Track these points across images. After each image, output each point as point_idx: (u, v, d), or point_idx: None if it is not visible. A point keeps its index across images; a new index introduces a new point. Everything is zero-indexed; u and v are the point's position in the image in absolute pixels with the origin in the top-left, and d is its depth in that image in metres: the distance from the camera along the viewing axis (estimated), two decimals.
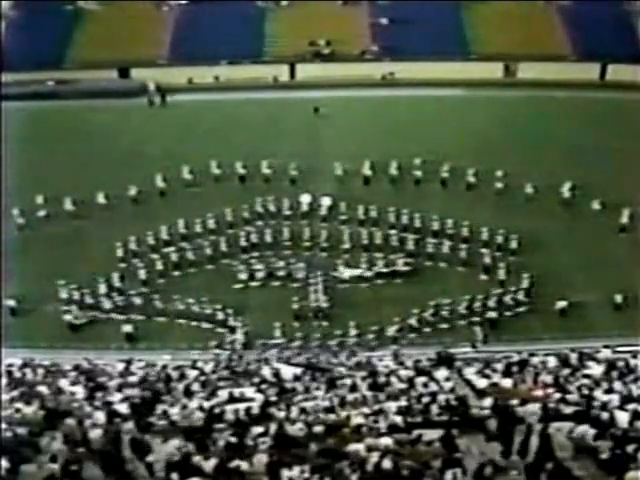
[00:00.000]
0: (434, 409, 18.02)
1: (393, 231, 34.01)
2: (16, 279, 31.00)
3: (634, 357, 23.00)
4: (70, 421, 17.32)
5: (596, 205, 35.97)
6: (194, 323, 29.24)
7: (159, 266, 32.05)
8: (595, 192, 36.61)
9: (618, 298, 29.10)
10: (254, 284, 31.44)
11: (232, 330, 28.59)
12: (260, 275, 31.55)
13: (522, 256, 32.57)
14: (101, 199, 37.37)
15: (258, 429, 16.72)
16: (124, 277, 31.45)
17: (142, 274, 31.54)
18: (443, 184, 38.80)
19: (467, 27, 60.55)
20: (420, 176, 39.05)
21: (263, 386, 21.45)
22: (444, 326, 28.85)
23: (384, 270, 31.48)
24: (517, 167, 39.88)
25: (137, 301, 30.08)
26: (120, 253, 32.80)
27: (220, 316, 29.20)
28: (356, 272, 31.38)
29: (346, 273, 31.40)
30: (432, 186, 38.66)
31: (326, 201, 36.43)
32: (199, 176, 39.68)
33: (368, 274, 31.37)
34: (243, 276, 31.41)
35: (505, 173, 38.26)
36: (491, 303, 29.37)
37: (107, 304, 30.00)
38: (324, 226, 35.08)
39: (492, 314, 28.94)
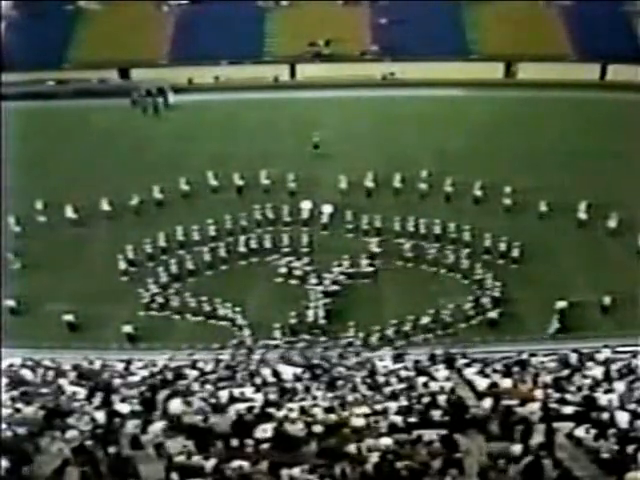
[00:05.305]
0: (434, 409, 18.04)
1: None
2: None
3: (634, 357, 23.02)
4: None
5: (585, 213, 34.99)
6: (195, 321, 29.31)
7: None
8: (597, 197, 35.74)
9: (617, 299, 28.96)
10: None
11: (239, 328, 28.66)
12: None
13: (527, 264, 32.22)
14: (104, 205, 36.72)
15: (258, 429, 16.76)
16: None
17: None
18: (447, 199, 37.75)
19: (467, 27, 60.59)
20: (424, 179, 38.17)
21: (262, 386, 21.49)
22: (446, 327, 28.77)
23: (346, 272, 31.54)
24: (518, 169, 39.87)
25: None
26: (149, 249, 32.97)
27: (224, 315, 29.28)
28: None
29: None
30: (435, 189, 38.05)
31: (327, 209, 36.02)
32: (197, 185, 38.89)
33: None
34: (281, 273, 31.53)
35: (511, 183, 37.10)
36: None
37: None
38: (325, 234, 34.93)
39: (492, 314, 28.91)
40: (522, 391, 19.45)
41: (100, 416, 18.04)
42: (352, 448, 15.37)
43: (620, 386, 19.43)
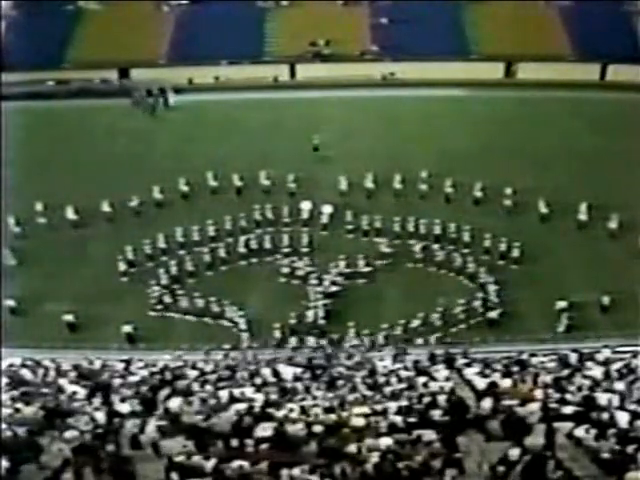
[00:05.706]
0: (434, 409, 18.04)
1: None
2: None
3: (634, 357, 23.02)
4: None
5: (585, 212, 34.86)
6: (195, 321, 29.29)
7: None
8: (597, 198, 35.58)
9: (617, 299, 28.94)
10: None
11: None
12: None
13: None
14: (105, 206, 36.48)
15: (259, 429, 16.77)
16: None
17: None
18: (448, 199, 37.54)
19: (467, 27, 60.51)
20: (424, 179, 37.91)
21: (262, 386, 21.48)
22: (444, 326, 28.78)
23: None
24: (518, 169, 39.79)
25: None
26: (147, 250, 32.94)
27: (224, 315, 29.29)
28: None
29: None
30: (435, 190, 37.78)
31: (327, 209, 35.92)
32: (196, 186, 38.67)
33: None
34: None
35: (511, 183, 36.78)
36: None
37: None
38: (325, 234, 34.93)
39: (492, 314, 28.90)
40: (522, 391, 19.45)
41: (100, 416, 18.05)
42: (352, 448, 15.37)
43: (620, 386, 19.44)
